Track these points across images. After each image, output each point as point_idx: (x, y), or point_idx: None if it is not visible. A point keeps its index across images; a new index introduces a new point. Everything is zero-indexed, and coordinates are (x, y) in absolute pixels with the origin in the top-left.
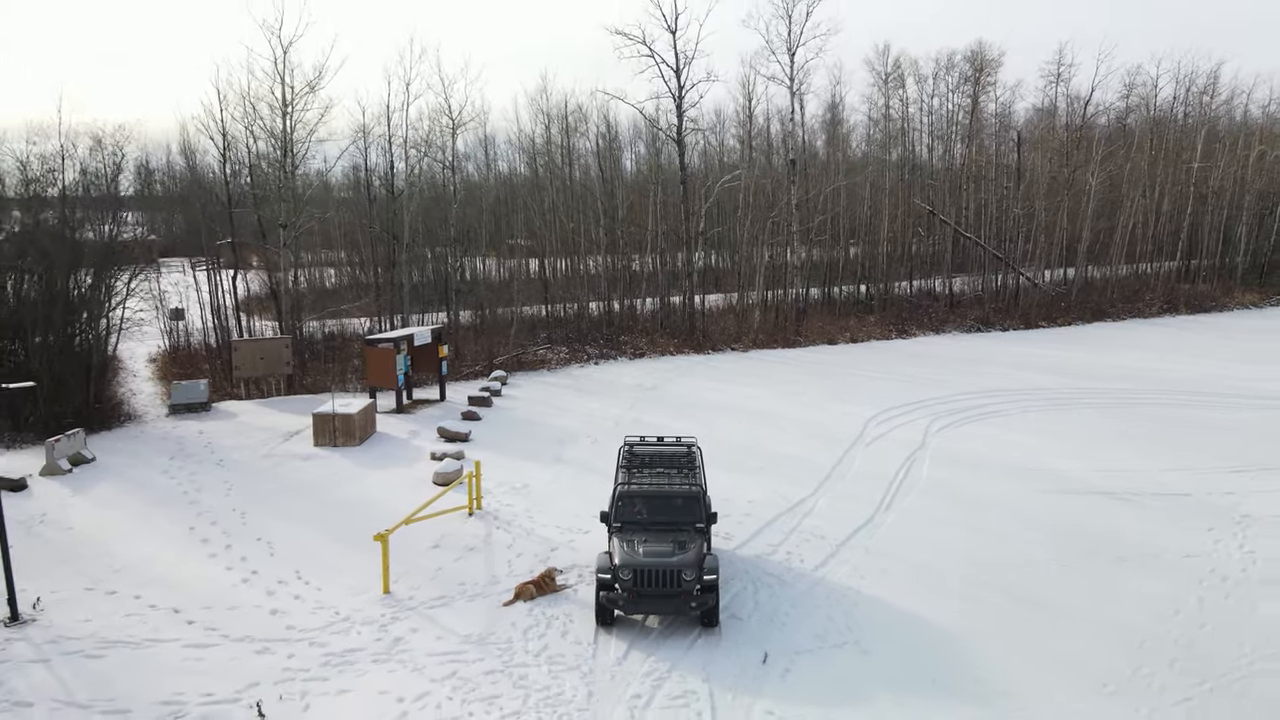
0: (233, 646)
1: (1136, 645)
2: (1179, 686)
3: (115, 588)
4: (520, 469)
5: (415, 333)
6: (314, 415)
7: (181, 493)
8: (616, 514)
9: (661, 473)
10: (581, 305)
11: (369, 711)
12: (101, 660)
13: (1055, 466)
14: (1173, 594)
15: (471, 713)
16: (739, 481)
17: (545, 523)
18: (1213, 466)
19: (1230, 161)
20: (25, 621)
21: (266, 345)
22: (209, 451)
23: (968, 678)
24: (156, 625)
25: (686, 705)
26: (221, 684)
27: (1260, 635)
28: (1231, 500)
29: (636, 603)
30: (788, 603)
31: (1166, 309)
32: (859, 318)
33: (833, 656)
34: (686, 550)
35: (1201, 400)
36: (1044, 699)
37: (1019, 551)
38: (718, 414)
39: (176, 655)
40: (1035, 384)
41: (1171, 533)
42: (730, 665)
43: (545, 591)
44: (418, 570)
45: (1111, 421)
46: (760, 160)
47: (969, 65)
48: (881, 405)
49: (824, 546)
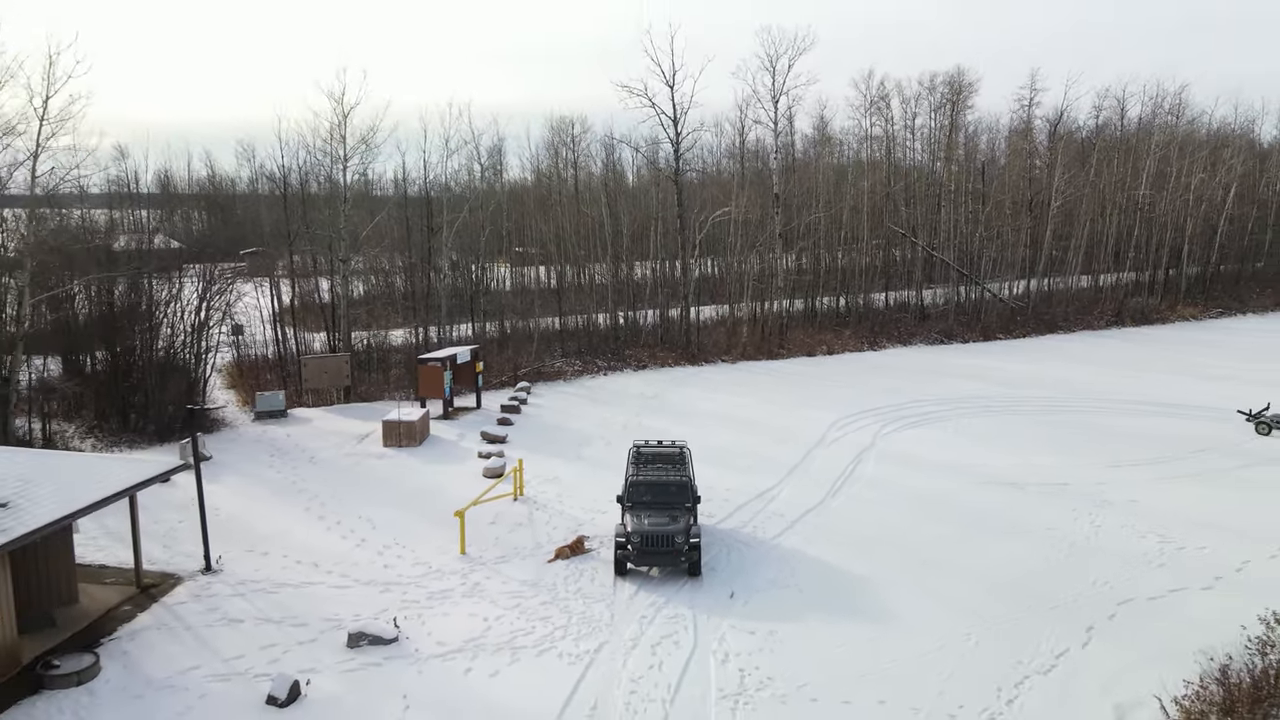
0: (362, 588)
1: (992, 587)
2: (1016, 611)
3: (267, 550)
4: (550, 465)
5: (457, 352)
6: (384, 422)
7: (290, 483)
8: (628, 496)
9: (660, 467)
10: (590, 318)
11: (465, 626)
12: (276, 595)
13: (975, 463)
14: (1029, 555)
15: (533, 626)
16: (722, 475)
17: (573, 505)
18: (1095, 462)
19: (1176, 188)
20: (215, 571)
21: (329, 361)
22: (300, 451)
23: (873, 608)
24: (306, 574)
25: (677, 623)
26: (362, 609)
27: (1084, 582)
28: (1099, 488)
29: (643, 558)
30: (751, 560)
31: (1114, 322)
32: (835, 331)
33: (780, 594)
34: (678, 522)
35: (1110, 408)
36: (921, 619)
37: (930, 527)
38: (709, 420)
39: (326, 592)
40: (979, 393)
41: (1045, 512)
42: (708, 599)
43: (577, 553)
44: (482, 538)
45: (1030, 426)
46: (750, 177)
47: (948, 88)
48: (843, 412)
49: (782, 522)
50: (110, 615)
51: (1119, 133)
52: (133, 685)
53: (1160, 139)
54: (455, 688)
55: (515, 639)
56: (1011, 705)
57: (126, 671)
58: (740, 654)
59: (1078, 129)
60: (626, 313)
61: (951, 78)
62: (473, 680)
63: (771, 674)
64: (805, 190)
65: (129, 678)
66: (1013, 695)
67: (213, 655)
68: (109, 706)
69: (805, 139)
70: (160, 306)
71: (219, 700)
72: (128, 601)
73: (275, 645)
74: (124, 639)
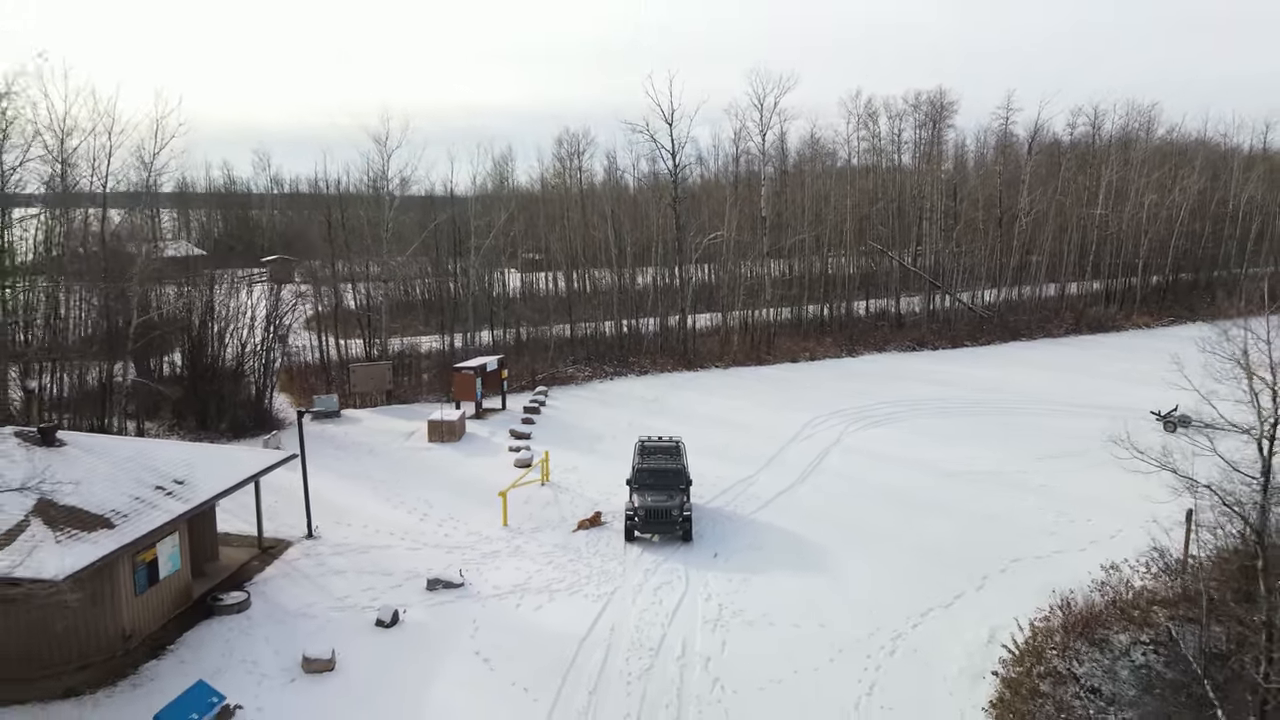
0: (430, 550)
1: (917, 551)
2: (931, 567)
3: (350, 522)
4: (569, 456)
5: (486, 362)
6: (429, 421)
7: (356, 471)
8: (635, 479)
9: (660, 457)
10: (598, 326)
11: (512, 576)
12: (366, 554)
13: (923, 456)
14: (951, 528)
15: (564, 577)
16: (712, 465)
17: (590, 489)
18: (1025, 455)
19: (1135, 205)
20: (315, 537)
21: (374, 368)
22: (358, 445)
23: (822, 565)
24: (385, 539)
25: (673, 574)
26: (433, 564)
27: (989, 547)
28: (1022, 476)
29: (646, 527)
30: (731, 530)
31: (1073, 330)
32: (818, 339)
33: (752, 554)
34: (674, 499)
35: (1049, 410)
36: (858, 573)
37: (876, 506)
38: (703, 420)
39: (403, 553)
40: (937, 395)
41: (972, 495)
42: (697, 558)
43: (596, 525)
44: (519, 514)
45: (976, 426)
46: (743, 192)
47: (931, 106)
48: (817, 413)
49: (758, 502)
50: (244, 569)
51: (1091, 148)
52: (275, 614)
53: (1118, 158)
54: (509, 617)
55: (551, 585)
56: (916, 629)
57: (268, 604)
58: (720, 594)
59: (1052, 142)
60: (630, 322)
61: (933, 97)
62: (522, 612)
63: (742, 607)
64: (794, 206)
65: (271, 609)
66: (918, 621)
67: (327, 594)
68: (262, 627)
69: (798, 154)
70: (230, 318)
71: (340, 623)
72: (255, 559)
73: (372, 589)
74: (259, 584)
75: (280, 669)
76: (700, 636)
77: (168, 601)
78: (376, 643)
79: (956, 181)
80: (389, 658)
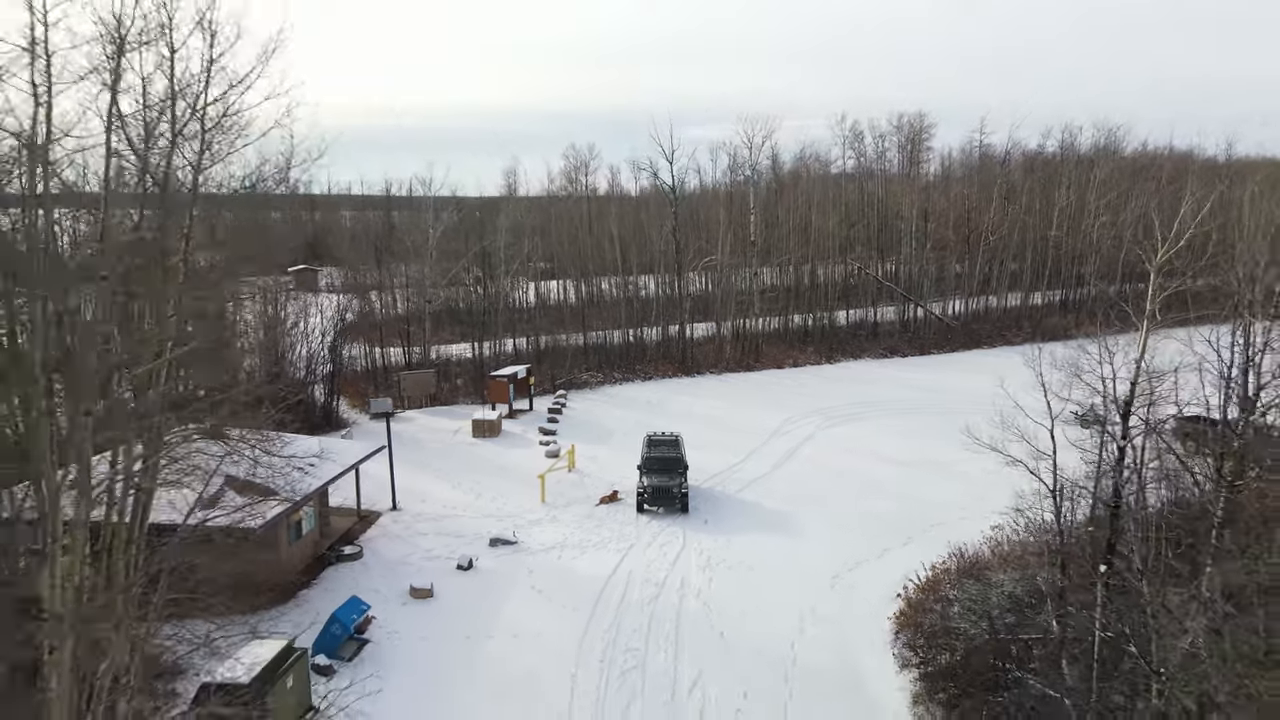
0: (486, 519)
1: (863, 520)
2: (872, 531)
3: (424, 499)
4: (589, 448)
5: (517, 370)
6: (473, 420)
7: (419, 460)
8: (644, 465)
9: (664, 448)
10: (607, 334)
11: (553, 537)
12: (440, 521)
13: (878, 448)
14: (893, 504)
15: (591, 537)
16: (705, 455)
17: (608, 474)
18: (957, 447)
19: (1091, 224)
20: (398, 510)
21: (422, 375)
22: (414, 441)
23: (791, 529)
24: (452, 511)
25: (674, 535)
26: (492, 528)
27: (918, 516)
28: (952, 465)
29: (653, 502)
30: (720, 504)
31: (1029, 338)
32: (800, 347)
33: (736, 521)
34: (675, 480)
35: (988, 409)
36: (818, 536)
37: (834, 486)
38: (698, 420)
39: (468, 520)
40: (900, 398)
41: (910, 478)
42: (692, 524)
43: (613, 500)
44: (553, 493)
45: (926, 423)
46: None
47: (911, 128)
48: (795, 412)
49: (742, 483)
50: (349, 532)
51: (1058, 169)
52: (382, 562)
53: (1079, 179)
54: (554, 565)
55: (582, 543)
56: (852, 572)
57: (376, 556)
58: (709, 549)
59: (1024, 157)
60: (636, 331)
61: (913, 119)
62: (563, 561)
63: (725, 558)
64: (782, 227)
65: (378, 559)
66: (854, 567)
67: (417, 549)
68: (375, 571)
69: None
70: (296, 324)
71: (432, 567)
72: (355, 525)
73: (449, 545)
74: (365, 541)
75: (394, 596)
76: (694, 576)
77: (307, 551)
78: (460, 580)
79: (927, 207)
80: (471, 590)
